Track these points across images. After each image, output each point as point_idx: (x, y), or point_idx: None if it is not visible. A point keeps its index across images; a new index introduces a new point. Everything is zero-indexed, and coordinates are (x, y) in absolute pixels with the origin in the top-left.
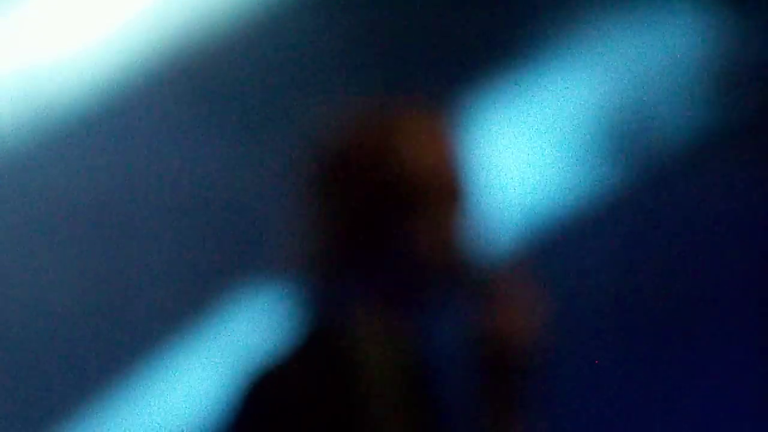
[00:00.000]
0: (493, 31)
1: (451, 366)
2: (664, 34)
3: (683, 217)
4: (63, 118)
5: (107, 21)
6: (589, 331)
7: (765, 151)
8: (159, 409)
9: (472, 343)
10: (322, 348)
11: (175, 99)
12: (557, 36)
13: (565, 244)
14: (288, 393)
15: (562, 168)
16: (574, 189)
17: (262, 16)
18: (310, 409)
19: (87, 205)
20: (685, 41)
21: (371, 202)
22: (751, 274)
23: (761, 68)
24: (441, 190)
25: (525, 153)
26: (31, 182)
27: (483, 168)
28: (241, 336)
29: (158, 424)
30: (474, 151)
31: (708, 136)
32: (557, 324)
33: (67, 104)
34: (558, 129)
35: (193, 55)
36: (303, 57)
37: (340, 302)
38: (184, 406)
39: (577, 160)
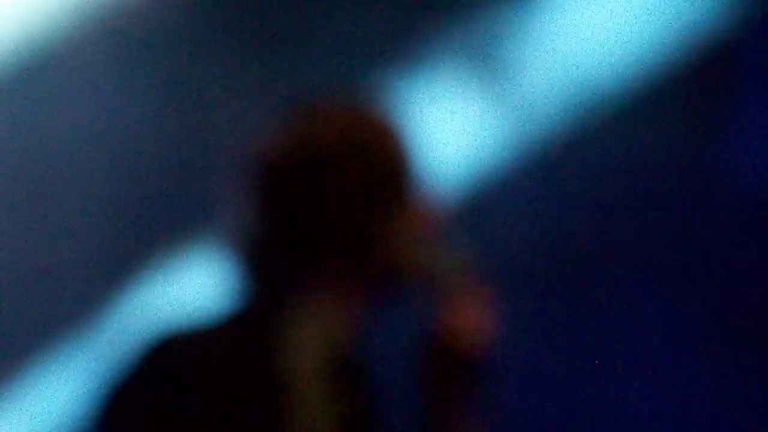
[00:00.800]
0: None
1: (393, 361)
2: None
3: (620, 170)
4: None
5: None
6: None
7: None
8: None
9: (422, 338)
10: (250, 322)
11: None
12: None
13: (502, 206)
14: (191, 359)
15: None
16: (508, 149)
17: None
18: (215, 381)
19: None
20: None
21: (314, 194)
22: (684, 224)
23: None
24: (386, 180)
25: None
26: None
27: (423, 146)
28: (169, 301)
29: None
30: (415, 135)
31: (644, 85)
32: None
33: None
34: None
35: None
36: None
37: (278, 282)
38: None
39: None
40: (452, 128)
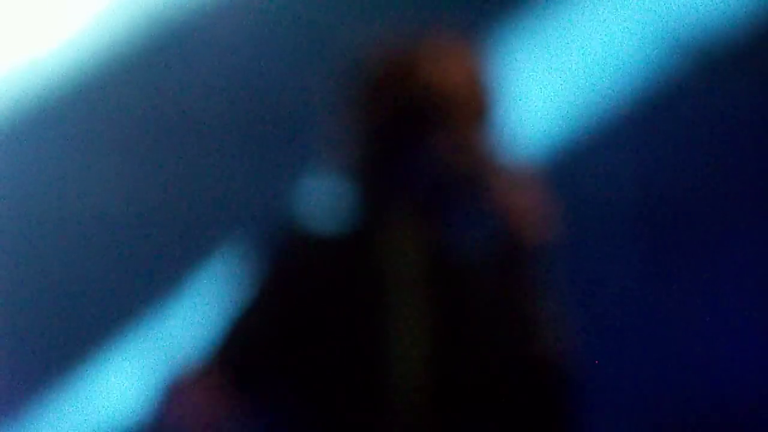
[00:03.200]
0: None
1: (474, 263)
2: None
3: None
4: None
5: None
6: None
7: None
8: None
9: (490, 236)
10: (357, 237)
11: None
12: None
13: (585, 154)
14: (307, 258)
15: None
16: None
17: None
18: (327, 282)
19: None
20: None
21: (402, 118)
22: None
23: None
24: (462, 107)
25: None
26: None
27: (507, 85)
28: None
29: None
30: (497, 71)
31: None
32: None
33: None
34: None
35: None
36: None
37: (374, 202)
38: None
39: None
40: (541, 81)
